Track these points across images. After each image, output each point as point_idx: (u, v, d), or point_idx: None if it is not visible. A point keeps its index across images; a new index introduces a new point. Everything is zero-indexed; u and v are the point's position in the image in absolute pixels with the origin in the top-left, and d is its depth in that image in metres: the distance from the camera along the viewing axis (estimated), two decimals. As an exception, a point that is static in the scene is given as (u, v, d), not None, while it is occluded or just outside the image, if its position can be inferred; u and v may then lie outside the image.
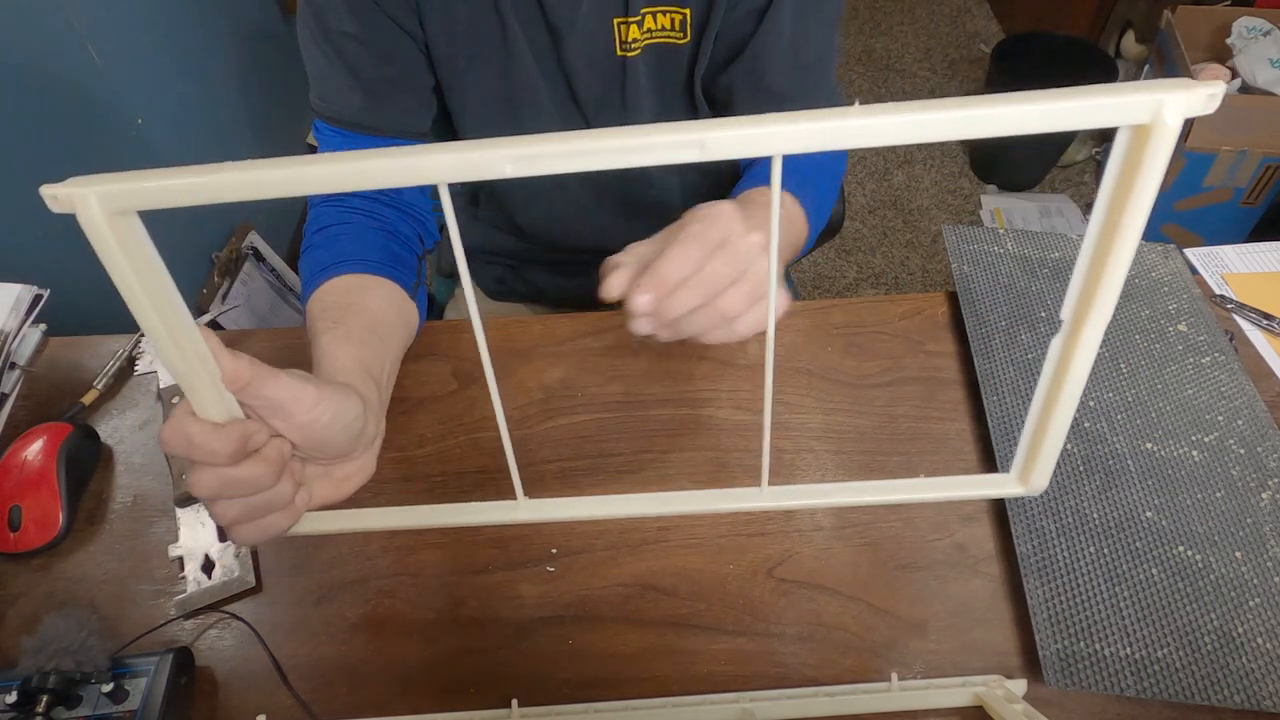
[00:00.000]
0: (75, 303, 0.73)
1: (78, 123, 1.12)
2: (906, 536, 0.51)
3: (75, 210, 0.26)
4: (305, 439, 0.38)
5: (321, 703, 0.46)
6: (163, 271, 0.30)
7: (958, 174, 2.07)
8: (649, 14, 0.60)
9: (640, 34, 0.61)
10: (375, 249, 0.57)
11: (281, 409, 0.36)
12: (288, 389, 0.36)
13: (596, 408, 0.59)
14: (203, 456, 0.35)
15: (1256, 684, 0.43)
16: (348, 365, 0.46)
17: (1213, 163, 1.58)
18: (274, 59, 1.69)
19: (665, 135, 0.26)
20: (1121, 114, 0.25)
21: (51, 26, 1.07)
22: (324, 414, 0.38)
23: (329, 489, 0.43)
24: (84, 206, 0.26)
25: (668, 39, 0.62)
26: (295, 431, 0.37)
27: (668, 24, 0.61)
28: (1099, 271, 0.30)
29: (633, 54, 0.62)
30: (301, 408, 0.37)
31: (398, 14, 0.58)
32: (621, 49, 0.62)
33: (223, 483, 0.36)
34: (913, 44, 2.44)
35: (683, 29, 0.61)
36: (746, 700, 0.45)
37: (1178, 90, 0.24)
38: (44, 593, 0.51)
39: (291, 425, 0.37)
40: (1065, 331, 0.32)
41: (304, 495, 0.40)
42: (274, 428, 0.37)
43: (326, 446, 0.40)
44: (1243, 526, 0.50)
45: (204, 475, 0.36)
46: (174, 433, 0.34)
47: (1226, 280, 0.67)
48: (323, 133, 0.61)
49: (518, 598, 0.50)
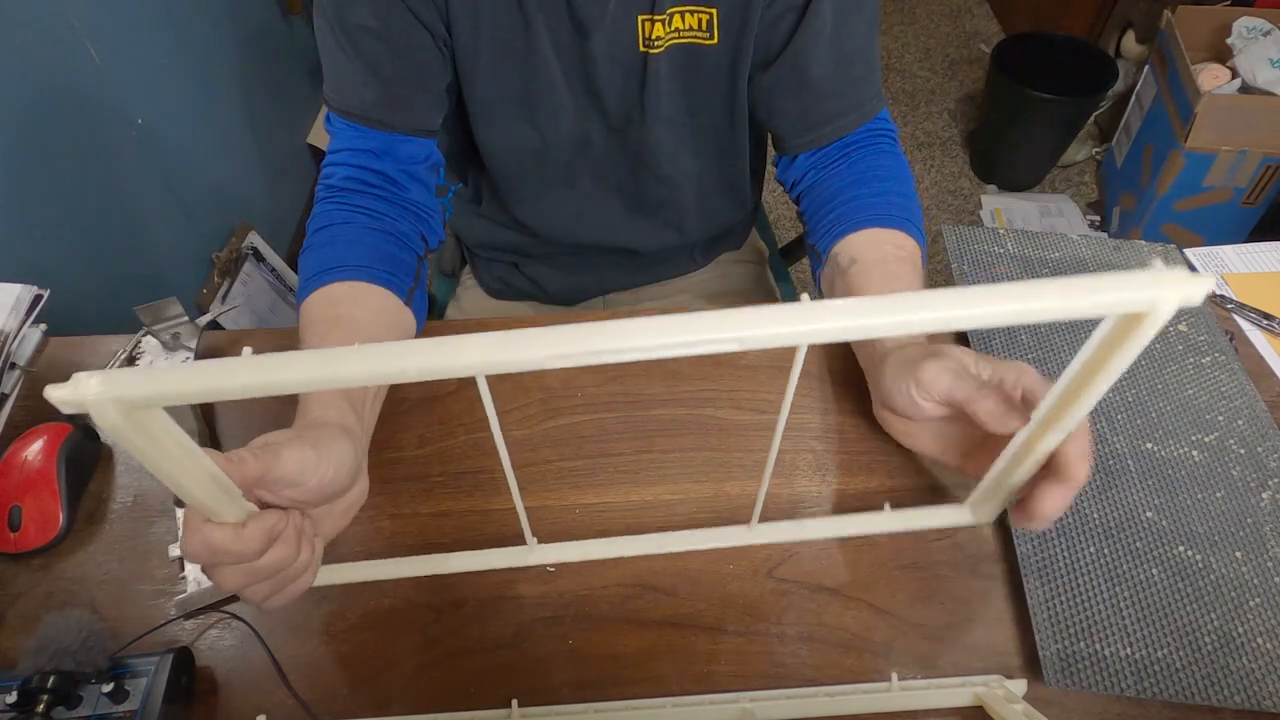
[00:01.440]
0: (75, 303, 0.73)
1: (78, 123, 1.12)
2: (906, 536, 0.51)
3: (89, 412, 0.27)
4: (317, 497, 0.39)
5: (321, 703, 0.46)
6: (178, 432, 0.30)
7: (958, 174, 2.07)
8: (676, 13, 0.60)
9: (665, 32, 0.61)
10: (372, 253, 0.57)
11: (294, 482, 0.37)
12: (295, 463, 0.37)
13: (596, 408, 0.59)
14: (231, 560, 0.35)
15: (1256, 684, 0.43)
16: (326, 393, 0.47)
17: (1213, 163, 1.58)
18: (274, 59, 1.69)
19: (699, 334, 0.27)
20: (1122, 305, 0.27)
21: (51, 26, 1.07)
22: (328, 471, 0.39)
23: (336, 523, 0.45)
24: (101, 413, 0.27)
25: (694, 39, 0.62)
26: (308, 495, 0.38)
27: (695, 24, 0.61)
28: (1066, 405, 0.35)
29: (656, 51, 0.62)
30: (309, 475, 0.38)
31: (422, 10, 0.58)
32: (645, 45, 0.62)
33: (249, 575, 0.37)
34: (913, 44, 2.44)
35: (709, 29, 0.61)
36: (746, 700, 0.45)
37: (1174, 287, 0.26)
38: (44, 593, 0.51)
39: (304, 491, 0.38)
40: (1029, 431, 0.38)
41: (319, 546, 0.42)
42: (286, 498, 0.38)
43: (333, 495, 0.41)
44: (1243, 526, 0.50)
45: (230, 574, 0.36)
46: (198, 545, 0.34)
47: (1226, 280, 0.67)
48: (335, 125, 0.61)
49: (518, 598, 0.50)
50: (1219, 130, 1.54)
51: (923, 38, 2.46)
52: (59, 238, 1.08)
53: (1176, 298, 0.26)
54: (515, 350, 0.26)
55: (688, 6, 0.60)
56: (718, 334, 0.26)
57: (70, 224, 1.11)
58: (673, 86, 0.65)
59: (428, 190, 0.64)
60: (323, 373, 0.26)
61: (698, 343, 0.26)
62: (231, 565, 0.36)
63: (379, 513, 0.53)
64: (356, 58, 0.59)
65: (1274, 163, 1.56)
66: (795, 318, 0.26)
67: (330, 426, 0.43)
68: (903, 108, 2.23)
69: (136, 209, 1.25)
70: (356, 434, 0.45)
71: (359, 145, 0.60)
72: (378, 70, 0.59)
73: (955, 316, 0.26)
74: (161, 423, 0.29)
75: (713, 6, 0.60)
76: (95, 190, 1.16)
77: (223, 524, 0.35)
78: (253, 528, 0.35)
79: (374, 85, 0.59)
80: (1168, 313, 0.27)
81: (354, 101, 0.60)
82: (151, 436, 0.29)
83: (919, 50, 2.41)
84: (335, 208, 0.59)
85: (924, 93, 2.28)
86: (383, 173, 0.61)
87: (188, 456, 0.31)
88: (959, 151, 2.11)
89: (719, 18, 0.61)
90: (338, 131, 0.61)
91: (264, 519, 0.36)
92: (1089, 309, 0.26)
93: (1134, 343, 0.29)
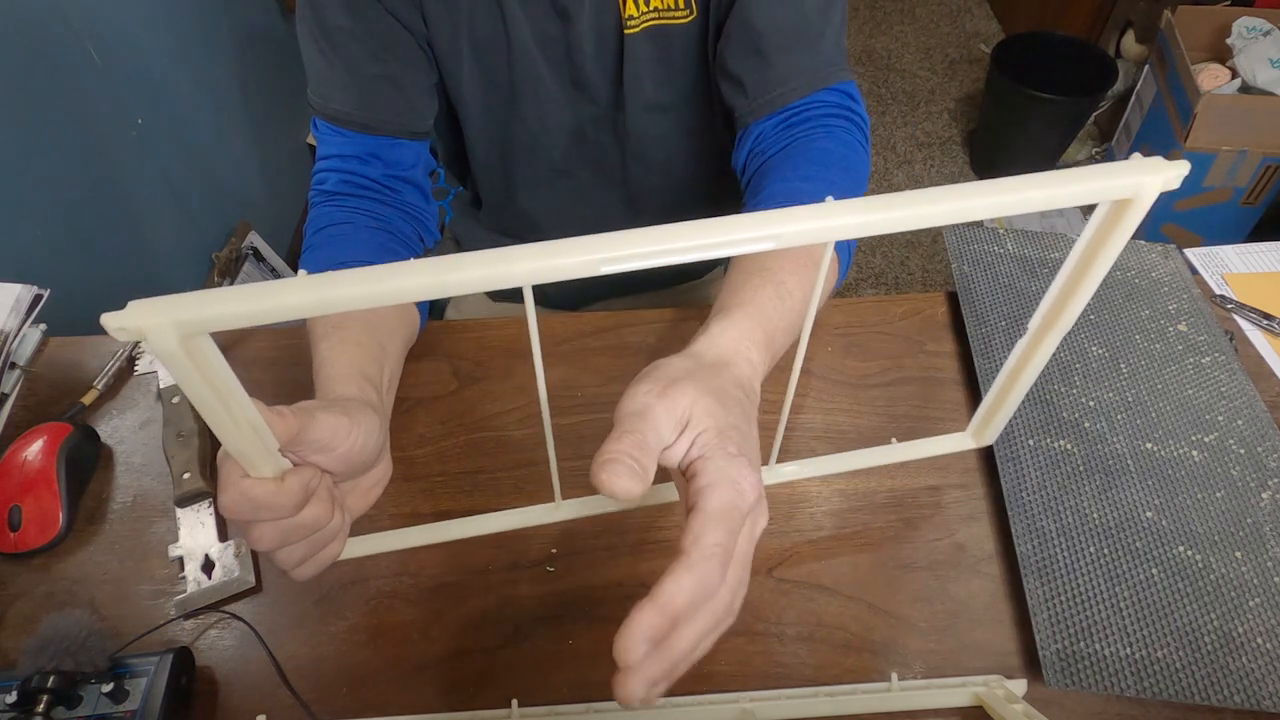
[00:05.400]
0: (75, 303, 0.73)
1: (78, 123, 1.12)
2: (906, 536, 0.51)
3: (147, 339, 0.26)
4: (345, 466, 0.39)
5: (321, 703, 0.46)
6: (227, 370, 0.30)
7: (958, 174, 2.07)
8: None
9: (638, 11, 0.60)
10: (375, 249, 0.58)
11: (325, 446, 0.37)
12: (328, 427, 0.37)
13: (596, 408, 0.59)
14: (270, 515, 0.35)
15: (1256, 684, 0.43)
16: (346, 373, 0.47)
17: (1213, 163, 1.58)
18: (274, 59, 1.69)
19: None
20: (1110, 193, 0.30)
21: (51, 26, 1.07)
22: (359, 439, 0.39)
23: (361, 500, 0.44)
24: (159, 337, 0.26)
25: (670, 19, 0.60)
26: (337, 462, 0.38)
27: (671, 3, 0.60)
28: (1064, 301, 0.37)
29: (632, 30, 0.61)
30: (341, 440, 0.38)
31: (398, 8, 0.58)
32: (625, 26, 0.61)
33: (285, 532, 0.36)
34: (913, 44, 2.44)
35: (687, 5, 0.60)
36: (746, 700, 0.45)
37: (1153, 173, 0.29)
38: (44, 593, 0.51)
39: (334, 458, 0.38)
40: (1029, 338, 0.40)
41: (347, 517, 0.41)
42: (317, 463, 0.37)
43: (360, 466, 0.41)
44: (1243, 526, 0.50)
45: (266, 530, 0.36)
46: (237, 499, 0.34)
47: (1226, 280, 0.67)
48: (321, 130, 0.61)
49: (518, 598, 0.50)
50: (1219, 130, 1.54)
51: (923, 38, 2.46)
52: (59, 238, 1.08)
53: (1158, 181, 0.29)
54: (564, 255, 0.27)
55: None
56: (753, 232, 0.28)
57: (70, 224, 1.11)
58: (653, 69, 0.64)
59: (421, 193, 0.64)
60: (377, 288, 0.26)
61: (735, 242, 0.28)
62: (269, 522, 0.35)
63: (379, 512, 0.53)
64: (336, 59, 0.58)
65: (1274, 163, 1.56)
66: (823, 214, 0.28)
67: (355, 400, 0.43)
68: (903, 108, 2.23)
69: (136, 209, 1.25)
70: (381, 411, 0.45)
71: (346, 151, 0.60)
72: (357, 71, 0.58)
73: (957, 209, 0.29)
74: (215, 358, 0.29)
75: None
76: (95, 190, 1.16)
77: (262, 478, 0.34)
78: (291, 481, 0.35)
79: (355, 87, 0.59)
80: (1150, 196, 0.30)
81: (336, 104, 0.59)
82: (206, 370, 0.28)
83: (919, 50, 2.41)
84: (334, 209, 0.59)
85: (924, 93, 2.28)
86: (373, 178, 0.60)
87: (234, 397, 0.30)
88: (959, 151, 2.11)
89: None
90: (324, 136, 0.61)
91: (301, 473, 0.35)
92: (1078, 196, 0.29)
93: (1122, 230, 0.32)
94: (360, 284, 0.26)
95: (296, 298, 0.26)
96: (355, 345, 0.49)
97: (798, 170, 0.55)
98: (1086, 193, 0.29)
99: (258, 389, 0.61)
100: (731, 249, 0.28)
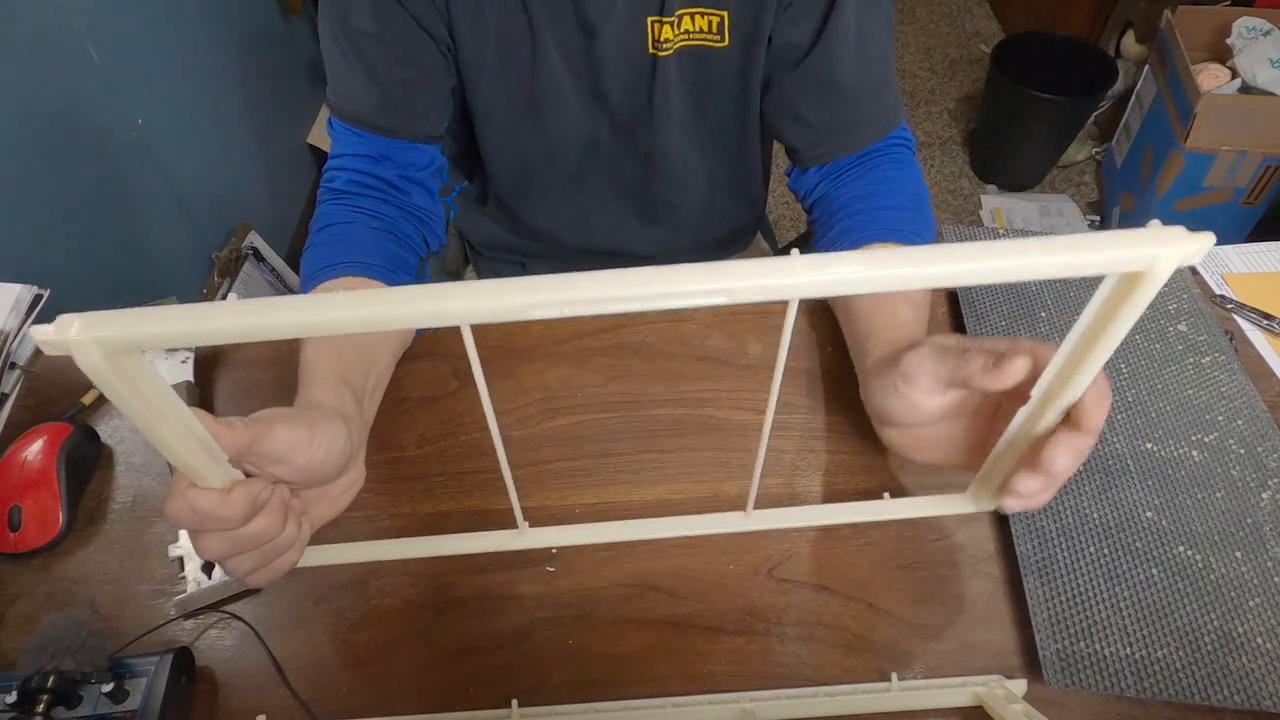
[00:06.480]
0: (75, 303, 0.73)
1: (78, 123, 1.12)
2: (906, 536, 0.51)
3: (73, 355, 0.26)
4: (305, 477, 0.39)
5: (321, 703, 0.46)
6: (165, 385, 0.30)
7: (958, 174, 2.07)
8: (686, 14, 0.60)
9: (674, 34, 0.61)
10: (375, 251, 0.58)
11: (282, 458, 0.36)
12: (285, 439, 0.36)
13: (596, 408, 0.59)
14: (215, 525, 0.35)
15: (1256, 684, 0.43)
16: (326, 377, 0.47)
17: (1213, 163, 1.58)
18: (274, 59, 1.69)
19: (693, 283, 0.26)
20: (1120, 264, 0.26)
21: (51, 26, 1.07)
22: (319, 451, 0.38)
23: (327, 508, 0.44)
24: (83, 354, 0.26)
25: (704, 41, 0.62)
26: (295, 474, 0.38)
27: (705, 26, 0.61)
28: (1068, 375, 0.34)
29: (665, 53, 0.62)
30: (299, 452, 0.37)
31: (423, 15, 0.58)
32: (654, 48, 0.62)
33: (233, 544, 0.36)
34: (913, 44, 2.44)
35: (720, 32, 0.61)
36: (746, 700, 0.45)
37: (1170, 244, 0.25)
38: (44, 593, 0.51)
39: (292, 469, 0.37)
40: (1030, 408, 0.37)
41: (306, 526, 0.41)
42: (273, 475, 0.37)
43: (323, 477, 0.41)
44: (1243, 526, 0.50)
45: (212, 541, 0.36)
46: (182, 508, 0.34)
47: (1226, 280, 0.67)
48: (336, 130, 0.61)
49: (518, 598, 0.50)
50: (1219, 130, 1.54)
51: (923, 38, 2.46)
52: (59, 238, 1.09)
53: (1175, 254, 0.25)
54: (497, 297, 0.26)
55: (698, 9, 0.60)
56: (707, 285, 0.25)
57: (70, 224, 1.11)
58: (682, 89, 0.65)
59: (429, 195, 0.64)
60: (309, 317, 0.26)
61: (684, 294, 0.25)
62: (215, 532, 0.35)
63: (379, 513, 0.53)
64: (357, 62, 0.59)
65: (1274, 163, 1.56)
66: (785, 271, 0.25)
67: (327, 409, 0.43)
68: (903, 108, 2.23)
69: (136, 209, 1.25)
70: (355, 421, 0.45)
71: (360, 150, 0.60)
72: (378, 75, 0.59)
73: (948, 272, 0.26)
74: (147, 374, 0.28)
75: (724, 9, 0.60)
76: (95, 190, 1.16)
77: (208, 488, 0.34)
78: (238, 493, 0.34)
79: (375, 90, 0.59)
80: (1166, 271, 0.26)
81: (355, 106, 0.60)
82: (135, 386, 0.28)
83: (919, 50, 2.41)
84: (338, 208, 0.59)
85: (924, 93, 2.28)
86: (384, 178, 0.61)
87: (174, 413, 0.30)
88: (959, 151, 2.11)
89: (730, 20, 0.60)
90: (339, 135, 0.61)
91: (250, 486, 0.35)
92: (1085, 267, 0.26)
93: (1133, 305, 0.28)
94: (295, 312, 0.26)
95: (228, 321, 0.26)
96: (341, 349, 0.49)
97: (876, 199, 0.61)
98: (1094, 263, 0.26)
99: (257, 389, 0.61)
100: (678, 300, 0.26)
